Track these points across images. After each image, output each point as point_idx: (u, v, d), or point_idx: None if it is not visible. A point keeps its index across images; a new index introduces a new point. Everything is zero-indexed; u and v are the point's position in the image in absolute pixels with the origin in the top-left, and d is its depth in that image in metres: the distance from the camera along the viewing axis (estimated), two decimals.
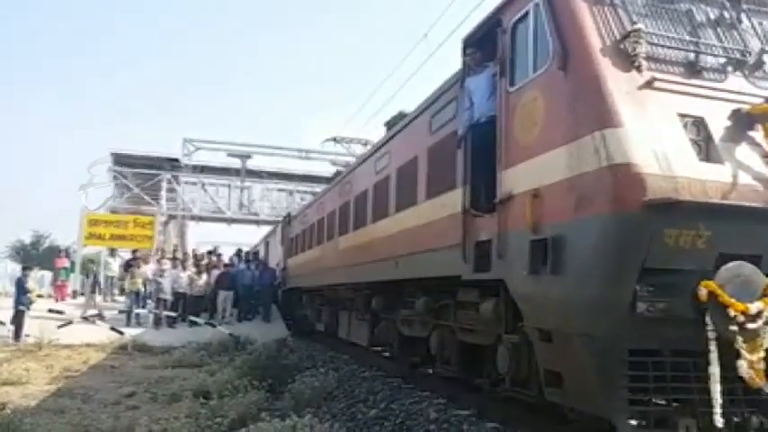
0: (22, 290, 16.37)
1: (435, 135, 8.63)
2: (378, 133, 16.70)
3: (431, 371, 9.94)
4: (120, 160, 35.17)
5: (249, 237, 40.19)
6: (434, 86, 9.00)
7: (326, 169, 35.96)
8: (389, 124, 11.62)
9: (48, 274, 36.67)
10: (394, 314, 10.62)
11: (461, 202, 7.52)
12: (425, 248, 8.65)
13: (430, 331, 9.23)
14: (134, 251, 24.50)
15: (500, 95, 6.91)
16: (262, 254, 30.08)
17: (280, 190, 37.56)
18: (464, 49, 7.75)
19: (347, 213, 13.12)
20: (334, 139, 18.23)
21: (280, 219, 31.69)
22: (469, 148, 7.53)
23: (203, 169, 37.00)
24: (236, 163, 36.48)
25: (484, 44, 7.47)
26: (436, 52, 18.30)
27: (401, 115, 11.14)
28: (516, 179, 6.46)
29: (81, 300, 24.63)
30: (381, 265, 10.43)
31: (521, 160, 6.41)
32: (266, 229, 35.01)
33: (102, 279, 26.90)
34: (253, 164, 36.80)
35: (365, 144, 17.60)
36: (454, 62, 8.09)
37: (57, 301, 24.11)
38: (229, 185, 36.94)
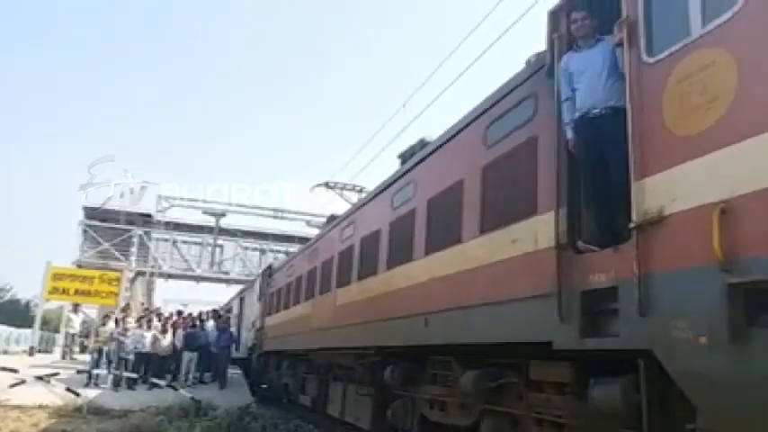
0: None
1: (495, 148, 5.86)
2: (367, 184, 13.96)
3: None
4: (92, 214, 32.49)
5: (219, 296, 37.07)
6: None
7: (301, 229, 34.21)
8: (405, 156, 8.76)
9: (4, 329, 33.25)
10: (415, 390, 7.50)
11: (553, 232, 4.66)
12: (479, 301, 5.71)
13: (477, 419, 6.12)
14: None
15: (631, 72, 4.19)
16: (235, 311, 26.07)
17: (253, 249, 34.82)
18: (553, 21, 5.08)
19: (349, 260, 10.06)
20: (326, 185, 15.14)
21: (251, 278, 28.94)
22: (564, 156, 4.76)
23: (176, 226, 34.25)
24: (209, 221, 34.04)
25: (591, 8, 4.83)
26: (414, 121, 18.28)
27: (422, 143, 8.36)
28: (673, 189, 3.72)
29: (38, 357, 22.53)
30: (401, 324, 7.42)
31: (682, 159, 3.67)
32: (237, 288, 31.84)
33: (62, 336, 24.83)
34: (227, 222, 34.51)
35: (360, 191, 14.62)
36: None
37: None
38: (201, 243, 34.53)
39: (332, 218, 13.01)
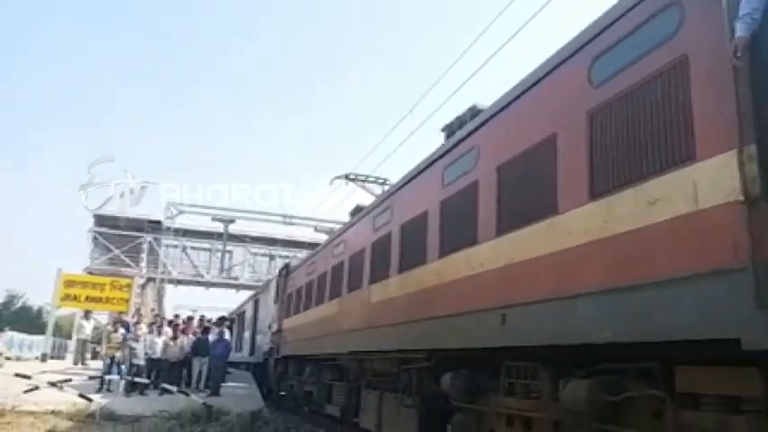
0: None
1: (611, 85, 4.15)
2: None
3: None
4: (103, 221, 31.14)
5: (228, 301, 35.40)
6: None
7: (309, 235, 32.69)
8: (453, 127, 7.04)
9: (17, 335, 31.69)
10: (484, 403, 5.76)
11: (737, 182, 3.03)
12: (594, 288, 4.02)
13: None
14: (119, 313, 22.06)
15: None
16: (249, 314, 24.19)
17: (262, 255, 33.26)
18: None
19: (386, 251, 8.16)
20: (347, 177, 13.24)
21: (260, 284, 27.27)
22: (746, 75, 3.13)
23: (185, 233, 32.66)
24: (218, 227, 32.50)
25: None
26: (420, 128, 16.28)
27: (474, 111, 6.67)
28: None
29: (51, 363, 21.56)
30: (463, 322, 5.70)
31: None
32: (246, 293, 30.18)
33: (74, 342, 23.61)
34: (235, 228, 32.92)
35: (383, 183, 12.78)
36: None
37: None
38: (211, 249, 33.13)
39: (357, 209, 11.18)
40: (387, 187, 11.42)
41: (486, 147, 5.80)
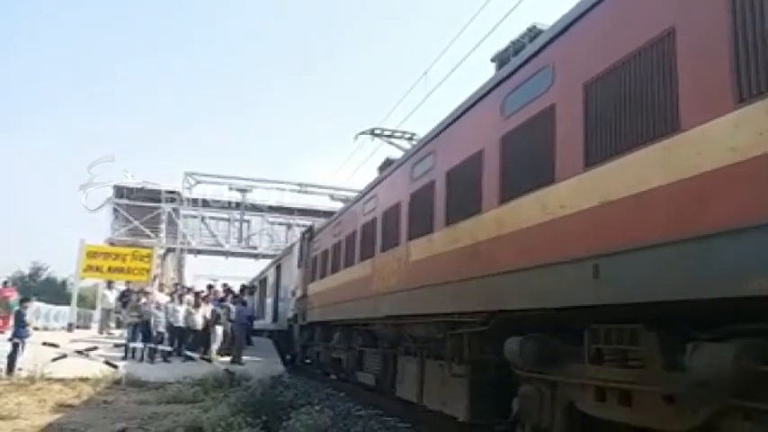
0: (20, 322, 13.90)
1: None
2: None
3: None
4: (121, 192, 30.34)
5: (246, 270, 34.84)
6: None
7: (325, 203, 31.72)
8: (503, 58, 5.82)
9: (44, 306, 31.41)
10: (563, 373, 4.66)
11: None
12: (758, 218, 2.87)
13: (706, 421, 3.36)
14: (127, 283, 21.71)
15: None
16: (271, 281, 23.22)
17: (279, 224, 32.43)
18: None
19: (428, 203, 6.98)
20: (372, 132, 11.80)
21: (278, 252, 26.43)
22: None
23: (203, 203, 31.69)
24: (235, 197, 31.67)
25: None
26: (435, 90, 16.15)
27: (534, 31, 5.43)
28: None
29: (77, 333, 21.31)
30: (536, 277, 4.59)
31: None
32: (265, 262, 29.39)
33: (98, 312, 23.35)
34: (252, 198, 31.98)
35: (410, 138, 11.47)
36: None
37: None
38: (229, 219, 32.09)
39: (387, 162, 9.98)
40: (415, 142, 10.18)
41: (566, 61, 4.58)
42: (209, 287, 20.96)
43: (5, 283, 24.85)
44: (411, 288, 7.29)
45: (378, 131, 11.79)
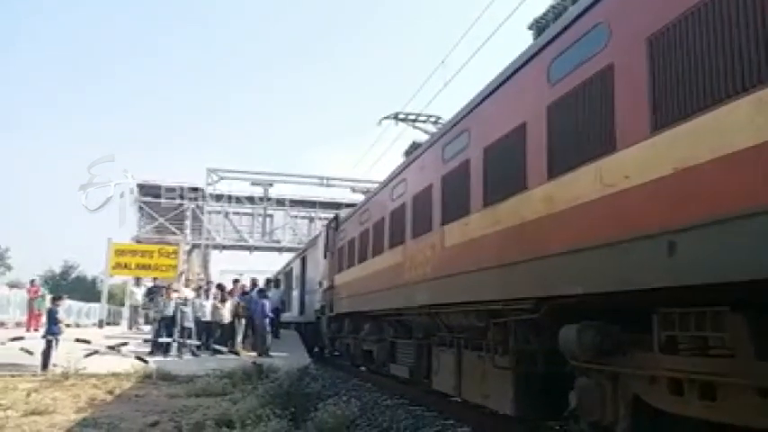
0: (53, 320, 13.91)
1: None
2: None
3: None
4: (146, 191, 30.42)
5: (270, 264, 34.88)
6: None
7: (346, 196, 31.45)
8: (543, 21, 5.29)
9: (75, 304, 31.76)
10: (628, 363, 4.12)
11: None
12: None
13: None
14: (154, 279, 21.19)
15: None
16: (296, 273, 22.88)
17: (302, 217, 32.41)
18: None
19: (463, 184, 6.50)
20: (396, 117, 11.33)
21: (301, 246, 26.13)
22: None
23: (227, 198, 31.64)
24: (258, 192, 31.57)
25: None
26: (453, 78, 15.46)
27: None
28: None
29: (107, 329, 21.78)
30: (595, 258, 4.08)
31: None
32: (288, 256, 29.23)
33: (126, 308, 23.33)
34: (274, 192, 31.81)
35: (436, 122, 10.96)
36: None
37: (28, 330, 18.95)
38: (252, 214, 32.06)
39: (414, 146, 9.48)
40: (440, 126, 9.67)
41: (624, 15, 4.04)
42: (236, 281, 20.79)
43: (32, 281, 24.96)
44: (448, 275, 6.80)
45: (402, 116, 11.28)
